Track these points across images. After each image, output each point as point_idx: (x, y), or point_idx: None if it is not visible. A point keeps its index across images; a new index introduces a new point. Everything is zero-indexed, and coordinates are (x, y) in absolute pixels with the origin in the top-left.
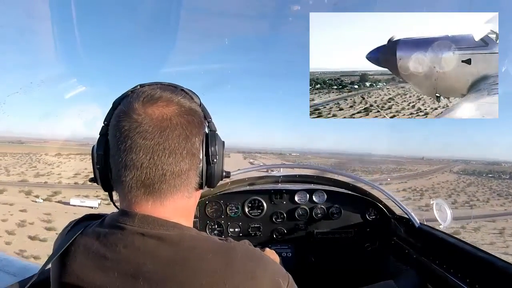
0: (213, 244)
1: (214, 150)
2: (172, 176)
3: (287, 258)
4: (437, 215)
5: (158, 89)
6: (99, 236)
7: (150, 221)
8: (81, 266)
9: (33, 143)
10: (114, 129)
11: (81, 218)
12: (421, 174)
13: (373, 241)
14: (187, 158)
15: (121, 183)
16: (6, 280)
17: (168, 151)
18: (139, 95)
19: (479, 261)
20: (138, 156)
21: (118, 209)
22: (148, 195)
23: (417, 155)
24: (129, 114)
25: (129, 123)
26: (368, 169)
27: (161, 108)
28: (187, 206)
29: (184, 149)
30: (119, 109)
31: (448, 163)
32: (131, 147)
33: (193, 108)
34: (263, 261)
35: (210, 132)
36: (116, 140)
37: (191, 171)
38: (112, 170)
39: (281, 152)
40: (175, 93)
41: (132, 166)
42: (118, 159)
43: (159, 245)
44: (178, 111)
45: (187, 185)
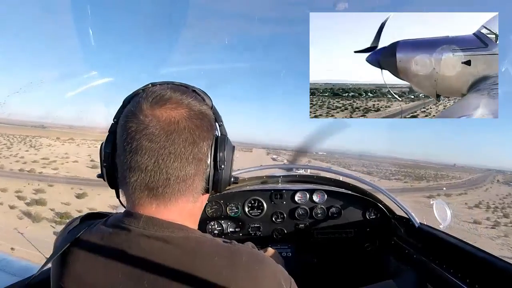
0: (218, 246)
1: (222, 156)
2: (176, 180)
3: (287, 258)
4: (437, 215)
5: (169, 90)
6: (103, 236)
7: (156, 223)
8: (83, 266)
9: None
10: (122, 129)
11: (83, 216)
12: (472, 184)
13: (373, 241)
14: (193, 163)
15: (126, 184)
16: (6, 280)
17: (174, 156)
18: (148, 95)
19: (479, 261)
20: (143, 159)
21: (124, 208)
22: (152, 198)
23: (436, 160)
24: (136, 115)
25: (136, 124)
26: (412, 175)
27: (169, 111)
28: (192, 210)
29: (190, 154)
30: (128, 109)
31: (483, 171)
32: (136, 149)
33: (203, 111)
34: (267, 264)
35: (220, 136)
36: (123, 141)
37: (197, 176)
38: (118, 170)
39: (308, 151)
40: (186, 94)
41: (137, 168)
42: (123, 160)
43: (164, 247)
44: (187, 114)
45: (192, 190)
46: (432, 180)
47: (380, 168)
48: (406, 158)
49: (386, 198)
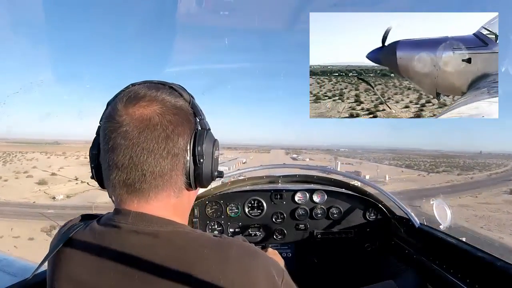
0: (208, 240)
1: (201, 150)
2: (152, 176)
3: (287, 258)
4: (437, 215)
5: (145, 88)
6: (95, 235)
7: (144, 218)
8: (77, 266)
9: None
10: (101, 130)
11: (78, 217)
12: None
13: (373, 241)
14: (168, 159)
15: (108, 182)
16: (6, 280)
17: (147, 152)
18: (124, 96)
19: (479, 261)
20: (119, 157)
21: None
22: (131, 195)
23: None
24: (112, 115)
25: (112, 124)
26: (455, 166)
27: (142, 109)
28: (178, 205)
29: (164, 149)
30: (107, 110)
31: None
32: (113, 147)
33: (179, 106)
34: (258, 256)
35: (199, 130)
36: (102, 141)
37: (175, 171)
38: (102, 169)
39: (329, 148)
40: (161, 91)
41: (114, 166)
42: (104, 159)
43: (153, 242)
44: (160, 110)
45: (171, 184)
46: (484, 169)
47: (416, 161)
48: (429, 149)
49: (386, 198)
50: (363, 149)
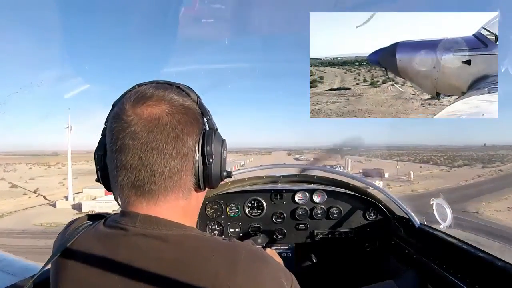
0: (217, 244)
1: (210, 150)
2: (162, 177)
3: (287, 258)
4: (437, 215)
5: (152, 88)
6: (101, 238)
7: (153, 221)
8: (82, 268)
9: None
10: (108, 130)
11: (82, 218)
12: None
13: (373, 241)
14: (178, 159)
15: (116, 184)
16: (6, 280)
17: (157, 151)
18: (131, 96)
19: (479, 261)
20: (128, 157)
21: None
22: (140, 196)
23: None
24: (120, 115)
25: (120, 124)
26: (472, 159)
27: (150, 108)
28: (187, 207)
29: (174, 149)
30: (114, 111)
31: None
32: (121, 148)
33: (187, 106)
34: (267, 262)
35: (208, 130)
36: (109, 142)
37: (184, 171)
38: (109, 171)
39: (331, 147)
40: (168, 90)
41: (123, 167)
42: (111, 161)
43: (162, 245)
44: (169, 109)
45: (180, 186)
46: (505, 161)
47: (428, 156)
48: (433, 144)
49: (386, 198)
50: (364, 146)
